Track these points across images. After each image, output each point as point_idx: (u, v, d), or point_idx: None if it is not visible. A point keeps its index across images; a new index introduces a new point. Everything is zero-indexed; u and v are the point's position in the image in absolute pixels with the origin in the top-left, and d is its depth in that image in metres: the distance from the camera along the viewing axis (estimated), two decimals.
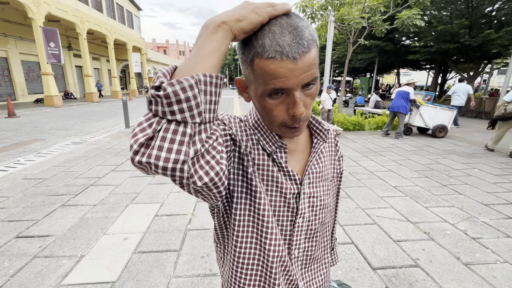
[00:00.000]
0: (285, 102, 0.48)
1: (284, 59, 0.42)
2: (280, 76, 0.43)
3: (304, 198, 0.59)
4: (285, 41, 0.42)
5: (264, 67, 0.44)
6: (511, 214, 2.82)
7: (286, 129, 0.52)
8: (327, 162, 0.66)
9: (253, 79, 0.48)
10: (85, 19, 16.04)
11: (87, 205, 2.89)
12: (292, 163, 0.60)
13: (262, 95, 0.48)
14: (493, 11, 11.75)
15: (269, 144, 0.57)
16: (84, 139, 6.21)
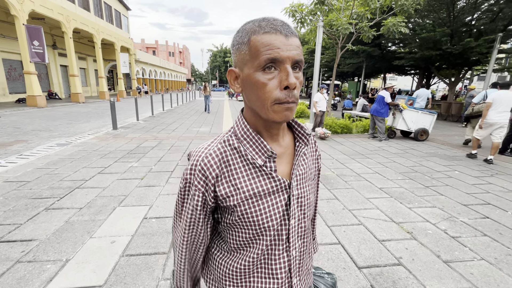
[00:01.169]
0: (277, 77, 0.52)
1: (278, 34, 0.51)
2: (274, 47, 0.50)
3: (293, 199, 0.62)
4: (277, 23, 0.52)
5: (261, 39, 0.51)
6: (488, 214, 2.97)
7: (279, 107, 0.53)
8: (309, 163, 0.69)
9: (248, 57, 0.53)
10: (71, 18, 15.66)
11: (72, 208, 2.83)
12: (280, 166, 0.63)
13: (257, 70, 0.52)
14: (473, 20, 12.34)
15: (259, 155, 0.59)
16: (69, 140, 6.05)
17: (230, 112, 13.55)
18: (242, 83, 0.57)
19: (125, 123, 8.87)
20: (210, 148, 0.60)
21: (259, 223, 0.59)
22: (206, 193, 0.59)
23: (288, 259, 0.64)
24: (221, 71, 73.36)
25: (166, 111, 13.51)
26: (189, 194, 0.61)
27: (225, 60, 63.84)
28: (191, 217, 0.62)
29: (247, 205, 0.59)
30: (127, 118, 10.40)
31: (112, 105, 7.38)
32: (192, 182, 0.59)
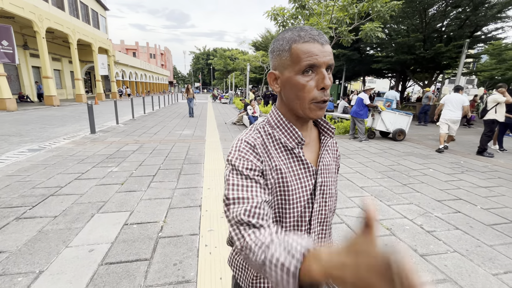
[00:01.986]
0: (314, 79, 0.61)
1: (316, 43, 0.60)
2: (313, 54, 0.59)
3: (317, 185, 0.69)
4: (314, 33, 0.61)
5: (301, 48, 0.60)
6: (459, 209, 3.15)
7: (315, 106, 0.63)
8: (331, 158, 0.78)
9: (290, 63, 0.62)
10: (44, 17, 14.90)
11: (46, 217, 2.68)
12: (307, 154, 0.71)
13: (297, 74, 0.61)
14: (443, 27, 13.12)
15: (290, 140, 0.67)
16: (42, 145, 5.74)
17: (214, 115, 13.44)
18: (281, 84, 0.66)
19: (104, 127, 8.54)
20: (248, 134, 0.68)
21: (288, 200, 0.65)
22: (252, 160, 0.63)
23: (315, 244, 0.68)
24: (204, 74, 72.68)
25: (148, 114, 13.17)
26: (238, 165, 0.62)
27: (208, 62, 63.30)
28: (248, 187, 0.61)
29: (280, 181, 0.65)
30: (106, 121, 10.02)
31: (89, 108, 7.08)
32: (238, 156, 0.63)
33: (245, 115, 9.35)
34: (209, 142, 6.56)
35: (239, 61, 25.40)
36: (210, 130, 8.60)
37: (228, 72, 35.41)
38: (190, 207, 2.99)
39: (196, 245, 2.27)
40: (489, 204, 3.32)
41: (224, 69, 35.21)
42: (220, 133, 7.99)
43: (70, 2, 19.15)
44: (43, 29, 14.83)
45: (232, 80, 30.32)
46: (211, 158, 5.05)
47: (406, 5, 11.32)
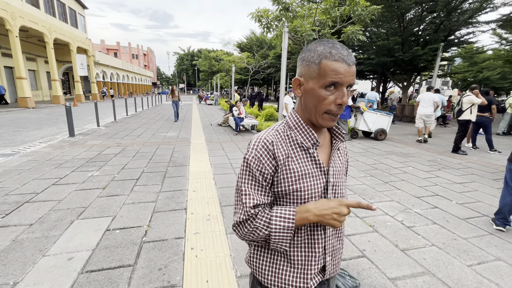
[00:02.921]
0: (334, 94, 0.68)
1: (344, 63, 0.66)
2: (339, 73, 0.66)
3: (329, 185, 0.76)
4: (344, 53, 0.67)
5: (331, 65, 0.66)
6: (437, 204, 3.30)
7: (328, 116, 0.70)
8: (342, 161, 0.84)
9: (316, 75, 0.68)
10: (17, 15, 14.15)
11: (21, 225, 2.54)
12: (320, 155, 0.77)
13: (321, 87, 0.68)
14: (420, 31, 13.73)
15: (306, 141, 0.74)
16: (16, 150, 5.44)
17: (199, 116, 13.29)
18: (304, 91, 0.73)
19: (84, 130, 8.22)
20: (267, 133, 0.75)
21: (301, 196, 0.72)
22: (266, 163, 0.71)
23: (324, 237, 0.76)
24: (188, 75, 71.71)
25: (130, 116, 12.81)
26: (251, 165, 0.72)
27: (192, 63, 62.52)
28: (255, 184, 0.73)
29: (294, 179, 0.72)
30: (86, 124, 9.65)
31: (68, 110, 6.80)
32: (254, 156, 0.72)
33: (231, 117, 9.32)
34: (194, 144, 6.48)
35: (224, 62, 25.27)
36: (196, 132, 8.50)
37: (213, 73, 35.15)
38: (175, 210, 2.94)
39: (182, 249, 2.24)
40: (464, 199, 3.51)
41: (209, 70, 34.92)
42: (205, 135, 7.91)
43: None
44: (16, 28, 14.08)
45: (217, 81, 30.12)
46: (197, 160, 4.99)
47: (385, 10, 11.76)
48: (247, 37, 30.87)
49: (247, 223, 0.71)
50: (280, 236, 0.69)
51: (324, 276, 0.79)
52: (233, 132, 8.64)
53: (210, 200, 3.21)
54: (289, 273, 0.76)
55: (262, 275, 0.80)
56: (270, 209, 0.72)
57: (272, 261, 0.78)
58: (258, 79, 30.36)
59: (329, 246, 0.78)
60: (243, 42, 30.74)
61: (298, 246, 0.76)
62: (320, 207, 0.67)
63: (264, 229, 0.69)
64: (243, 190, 0.72)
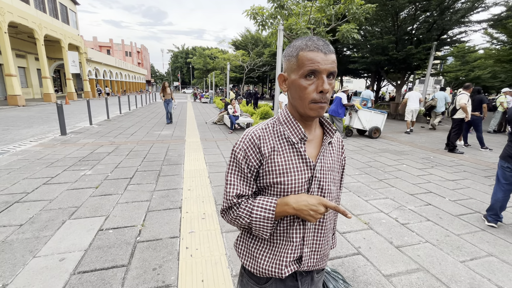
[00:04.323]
0: (315, 83, 0.70)
1: (319, 52, 0.68)
2: (316, 61, 0.68)
3: (315, 181, 0.77)
4: (319, 43, 0.70)
5: (306, 55, 0.69)
6: (430, 201, 3.34)
7: (314, 105, 0.71)
8: (335, 158, 0.84)
9: (296, 67, 0.71)
10: (6, 10, 13.79)
11: (10, 225, 2.48)
12: (308, 149, 0.79)
13: (301, 77, 0.70)
14: (413, 30, 13.85)
15: (294, 136, 0.76)
16: (5, 149, 5.31)
17: (194, 114, 13.19)
18: (288, 85, 0.76)
19: (76, 128, 8.08)
20: (256, 128, 0.79)
21: (284, 189, 0.75)
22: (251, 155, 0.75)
23: (303, 227, 0.78)
24: (183, 72, 71.11)
25: (124, 114, 12.64)
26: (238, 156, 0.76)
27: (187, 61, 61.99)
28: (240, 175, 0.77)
29: (279, 172, 0.74)
30: (79, 122, 9.48)
31: (59, 108, 6.66)
32: (241, 148, 0.76)
33: (226, 115, 9.27)
34: (189, 143, 6.43)
35: (219, 60, 25.12)
36: (190, 130, 8.43)
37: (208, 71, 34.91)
38: (170, 209, 2.91)
39: (177, 248, 2.21)
40: (456, 196, 3.56)
41: (203, 68, 34.66)
42: (200, 133, 7.86)
43: None
44: (5, 23, 13.72)
45: (212, 79, 29.95)
46: (192, 159, 4.95)
47: (380, 8, 11.82)
48: (242, 35, 30.72)
49: (230, 211, 0.77)
50: (260, 225, 0.73)
51: (300, 267, 0.80)
52: (228, 130, 8.60)
53: (205, 199, 3.18)
54: (266, 258, 0.80)
55: (244, 259, 0.84)
56: (253, 199, 0.76)
57: (253, 246, 0.83)
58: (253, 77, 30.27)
59: (309, 238, 0.80)
60: (238, 40, 30.59)
61: (277, 234, 0.79)
62: (299, 202, 0.70)
63: (246, 217, 0.74)
64: (229, 180, 0.77)
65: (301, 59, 0.69)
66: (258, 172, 0.77)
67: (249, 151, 0.75)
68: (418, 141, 7.64)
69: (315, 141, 0.81)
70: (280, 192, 0.75)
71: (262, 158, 0.75)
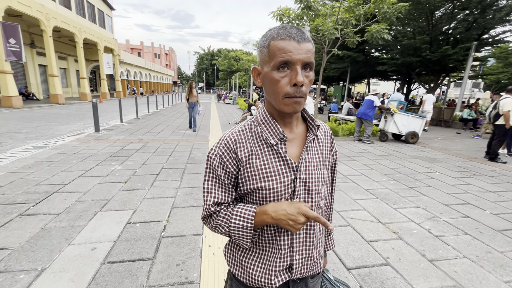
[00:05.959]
0: (289, 76, 0.63)
1: (292, 40, 0.61)
2: (287, 51, 0.61)
3: (300, 182, 0.71)
4: (293, 31, 0.63)
5: (277, 45, 0.62)
6: (468, 213, 3.08)
7: (288, 100, 0.64)
8: (323, 155, 0.78)
9: (267, 58, 0.65)
10: (51, 16, 15.05)
11: (49, 214, 2.67)
12: (290, 149, 0.73)
13: (273, 69, 0.63)
14: (450, 29, 12.98)
15: (272, 136, 0.70)
16: (47, 143, 5.76)
17: (217, 115, 13.44)
18: (262, 79, 0.69)
19: (108, 125, 8.57)
20: (232, 131, 0.73)
21: (266, 194, 0.69)
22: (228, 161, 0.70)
23: (291, 234, 0.72)
24: (208, 74, 72.85)
25: (152, 113, 13.21)
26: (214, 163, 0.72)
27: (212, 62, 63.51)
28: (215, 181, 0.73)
29: (258, 178, 0.69)
30: (110, 120, 10.06)
31: (94, 106, 7.11)
32: (216, 154, 0.71)
33: (249, 115, 9.32)
34: (212, 142, 6.54)
35: (243, 61, 25.42)
36: (214, 130, 8.59)
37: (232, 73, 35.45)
38: (193, 207, 2.96)
39: (200, 246, 2.24)
40: (499, 209, 3.24)
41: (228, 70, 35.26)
42: None
43: (77, 1, 19.32)
44: (50, 28, 14.98)
45: (236, 81, 30.34)
46: None
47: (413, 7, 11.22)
48: None
49: (210, 219, 0.73)
50: (239, 234, 0.69)
51: (292, 276, 0.74)
52: None
53: None
54: (255, 267, 0.75)
55: (233, 267, 0.80)
56: (233, 207, 0.72)
57: (241, 254, 0.78)
58: None
59: (298, 244, 0.74)
60: None
61: (264, 241, 0.74)
62: (277, 211, 0.65)
63: (225, 226, 0.70)
64: (205, 188, 0.73)
65: (272, 49, 0.63)
66: (237, 178, 0.72)
67: (225, 157, 0.70)
68: (453, 148, 7.12)
69: (298, 139, 0.74)
70: (262, 198, 0.70)
71: (240, 164, 0.70)
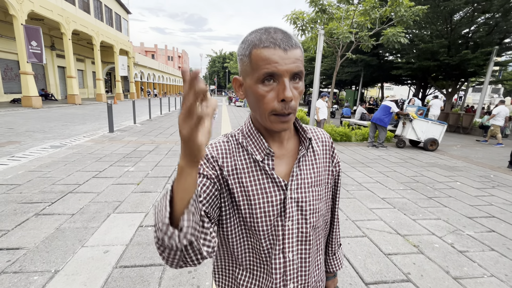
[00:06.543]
0: (275, 89, 0.53)
1: (277, 48, 0.51)
2: (273, 61, 0.51)
3: (292, 202, 0.62)
4: (278, 36, 0.53)
5: (260, 54, 0.52)
6: (493, 227, 2.90)
7: (275, 118, 0.55)
8: (320, 169, 0.68)
9: (249, 69, 0.55)
10: (71, 19, 15.60)
11: (64, 214, 2.70)
12: (280, 167, 0.63)
13: (257, 82, 0.54)
14: (470, 33, 12.55)
15: (259, 151, 0.61)
16: (64, 142, 5.90)
17: (228, 117, 13.47)
18: (245, 91, 0.60)
19: (122, 126, 8.73)
20: (217, 141, 0.65)
21: (252, 216, 0.61)
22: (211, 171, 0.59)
23: (284, 261, 0.63)
24: (219, 77, 73.57)
25: (164, 115, 13.39)
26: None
27: (224, 65, 64.12)
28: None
29: (241, 194, 0.61)
30: (124, 121, 10.26)
31: (109, 107, 7.26)
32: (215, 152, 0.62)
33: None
34: None
35: None
36: (225, 132, 8.58)
37: None
38: None
39: None
40: None
41: None
42: None
43: (95, 5, 19.98)
44: (70, 31, 15.52)
45: None
46: None
47: (431, 10, 10.92)
48: None
49: None
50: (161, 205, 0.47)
51: None
52: None
53: None
54: None
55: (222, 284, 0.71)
56: None
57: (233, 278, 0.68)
58: None
59: (293, 272, 0.65)
60: None
61: (253, 270, 0.66)
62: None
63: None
64: None
65: (254, 59, 0.53)
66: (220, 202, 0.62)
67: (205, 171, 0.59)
68: (474, 156, 6.82)
69: (289, 155, 0.65)
70: (250, 219, 0.61)
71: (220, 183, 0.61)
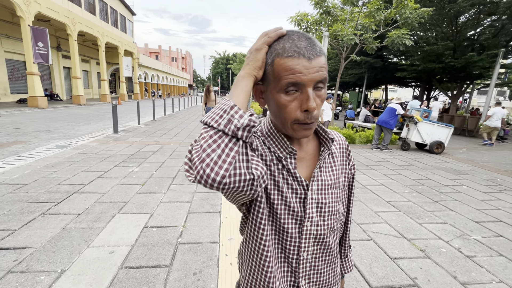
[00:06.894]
0: (298, 99, 0.53)
1: (301, 58, 0.51)
2: (297, 72, 0.51)
3: (312, 203, 0.62)
4: (302, 44, 0.52)
5: (284, 64, 0.51)
6: (502, 232, 2.86)
7: (298, 126, 0.56)
8: (338, 171, 0.69)
9: (272, 78, 0.54)
10: (77, 21, 15.77)
11: (70, 214, 2.71)
12: (300, 169, 0.64)
13: (279, 92, 0.54)
14: (475, 35, 12.45)
15: (280, 150, 0.62)
16: (69, 142, 5.95)
17: None
18: (266, 99, 0.60)
19: (126, 127, 8.78)
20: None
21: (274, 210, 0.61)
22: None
23: (297, 258, 0.64)
24: (222, 78, 73.81)
25: (168, 115, 13.45)
26: None
27: (227, 67, 64.34)
28: None
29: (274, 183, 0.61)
30: (128, 121, 10.32)
31: (113, 108, 7.31)
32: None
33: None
34: None
35: None
36: None
37: None
38: (209, 213, 2.92)
39: (216, 254, 2.19)
40: None
41: None
42: None
43: (101, 7, 20.18)
44: (75, 32, 15.68)
45: None
46: None
47: (436, 12, 10.86)
48: None
49: None
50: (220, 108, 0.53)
51: None
52: None
53: None
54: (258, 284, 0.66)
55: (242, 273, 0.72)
56: None
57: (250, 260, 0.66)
58: None
59: (305, 269, 0.65)
60: None
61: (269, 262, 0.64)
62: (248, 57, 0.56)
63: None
64: None
65: (277, 68, 0.52)
66: None
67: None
68: (480, 159, 6.74)
69: (308, 158, 0.66)
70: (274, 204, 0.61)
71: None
